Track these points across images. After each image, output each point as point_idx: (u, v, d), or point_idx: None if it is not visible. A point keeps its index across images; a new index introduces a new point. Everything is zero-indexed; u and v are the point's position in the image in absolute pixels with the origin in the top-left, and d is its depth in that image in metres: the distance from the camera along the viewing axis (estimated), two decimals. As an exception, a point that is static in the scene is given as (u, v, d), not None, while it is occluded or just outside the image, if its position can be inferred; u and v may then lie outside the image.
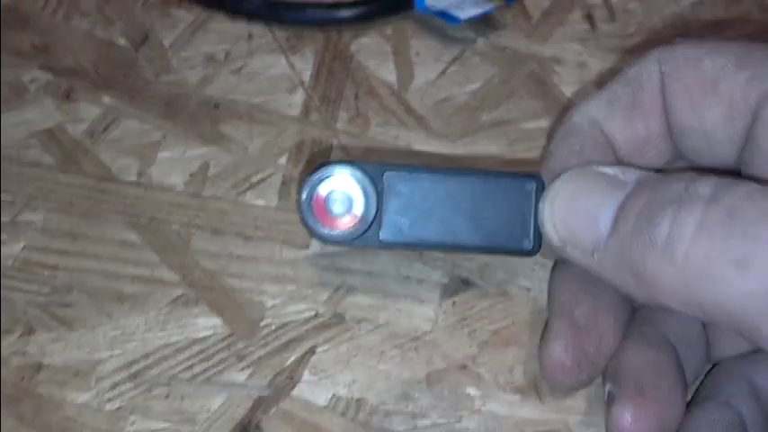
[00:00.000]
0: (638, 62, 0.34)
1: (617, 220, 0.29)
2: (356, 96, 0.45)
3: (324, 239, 0.35)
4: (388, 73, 0.46)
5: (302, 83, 0.45)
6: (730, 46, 0.32)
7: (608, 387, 0.32)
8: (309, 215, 0.34)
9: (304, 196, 0.34)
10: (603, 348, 0.33)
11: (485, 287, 0.38)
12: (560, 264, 0.35)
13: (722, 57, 0.31)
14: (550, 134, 0.43)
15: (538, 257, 0.37)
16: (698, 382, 0.34)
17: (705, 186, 0.27)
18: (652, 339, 0.33)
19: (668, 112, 0.33)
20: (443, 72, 0.46)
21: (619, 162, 0.34)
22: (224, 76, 0.46)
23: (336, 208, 0.34)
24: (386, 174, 0.34)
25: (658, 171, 0.32)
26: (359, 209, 0.34)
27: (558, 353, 0.32)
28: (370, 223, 0.34)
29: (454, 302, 0.38)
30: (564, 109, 0.44)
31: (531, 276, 0.38)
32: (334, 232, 0.34)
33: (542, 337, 0.34)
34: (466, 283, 0.38)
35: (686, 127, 0.32)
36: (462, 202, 0.34)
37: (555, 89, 0.45)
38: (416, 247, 0.37)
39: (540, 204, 0.32)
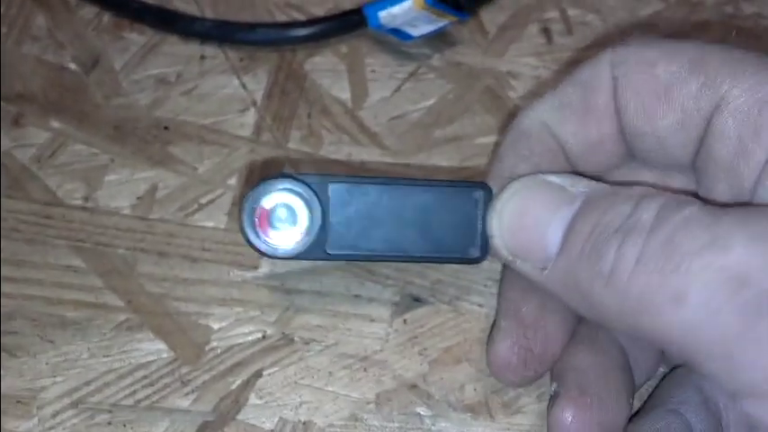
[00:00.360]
0: (589, 64, 0.33)
1: (565, 240, 0.29)
2: (309, 115, 0.44)
3: (269, 255, 0.33)
4: (342, 91, 0.45)
5: (254, 103, 0.45)
6: (685, 48, 0.31)
7: (553, 386, 0.32)
8: (252, 231, 0.33)
9: (246, 212, 0.33)
10: (550, 347, 0.33)
11: (436, 304, 0.37)
12: None
13: (676, 61, 0.30)
14: (499, 140, 0.43)
15: (490, 273, 0.37)
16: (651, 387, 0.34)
17: (649, 211, 0.26)
18: (600, 341, 0.32)
19: (621, 116, 0.32)
20: (398, 89, 0.45)
21: (570, 166, 0.33)
22: (175, 97, 0.45)
23: (281, 223, 0.33)
24: (330, 186, 0.33)
25: (606, 180, 0.32)
26: (304, 223, 0.33)
27: (504, 351, 0.33)
28: (316, 237, 0.33)
29: (405, 320, 0.37)
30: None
31: (484, 292, 0.38)
32: (280, 247, 0.33)
33: (490, 335, 0.34)
34: (417, 301, 0.37)
35: (639, 132, 0.32)
36: (408, 212, 0.33)
37: (510, 103, 0.45)
38: (364, 259, 0.36)
39: (488, 215, 0.32)
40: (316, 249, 0.33)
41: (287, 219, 0.33)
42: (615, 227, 0.27)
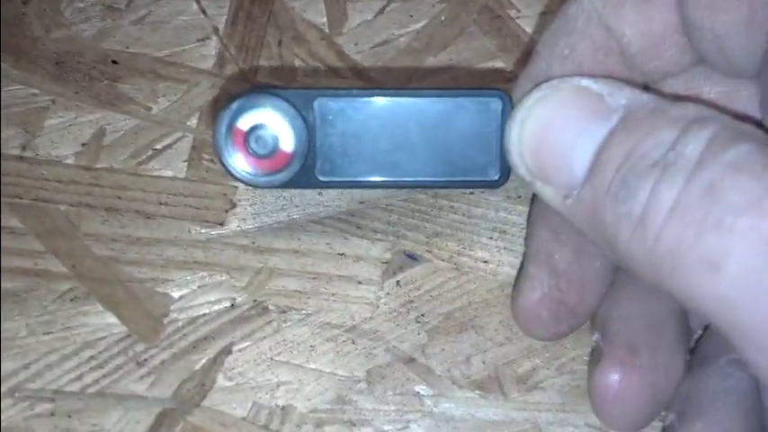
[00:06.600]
0: None
1: (594, 167, 0.23)
2: (280, 43, 0.39)
3: (251, 184, 0.30)
4: (317, 14, 0.40)
5: (216, 30, 0.39)
6: None
7: (596, 336, 0.28)
8: (229, 157, 0.29)
9: (220, 135, 0.29)
10: (587, 298, 0.29)
11: (434, 262, 0.33)
12: None
13: None
14: (505, 67, 0.37)
15: (496, 223, 0.32)
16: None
17: (696, 143, 0.21)
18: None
19: (682, 3, 0.26)
20: (382, 10, 0.40)
21: (625, 68, 0.28)
22: (125, 27, 0.39)
23: (261, 146, 0.29)
24: (316, 101, 0.29)
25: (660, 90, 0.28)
26: (288, 145, 0.29)
27: (533, 304, 0.29)
28: (304, 161, 0.29)
29: (398, 282, 0.33)
30: (524, 48, 0.38)
31: (489, 246, 0.33)
32: (262, 175, 0.29)
33: (516, 283, 0.30)
34: (412, 258, 0.33)
35: (698, 27, 0.26)
36: (413, 127, 0.29)
37: (511, 23, 0.39)
38: (362, 186, 0.32)
39: (508, 126, 0.27)
40: (304, 176, 0.30)
41: (268, 141, 0.29)
42: (654, 159, 0.22)
